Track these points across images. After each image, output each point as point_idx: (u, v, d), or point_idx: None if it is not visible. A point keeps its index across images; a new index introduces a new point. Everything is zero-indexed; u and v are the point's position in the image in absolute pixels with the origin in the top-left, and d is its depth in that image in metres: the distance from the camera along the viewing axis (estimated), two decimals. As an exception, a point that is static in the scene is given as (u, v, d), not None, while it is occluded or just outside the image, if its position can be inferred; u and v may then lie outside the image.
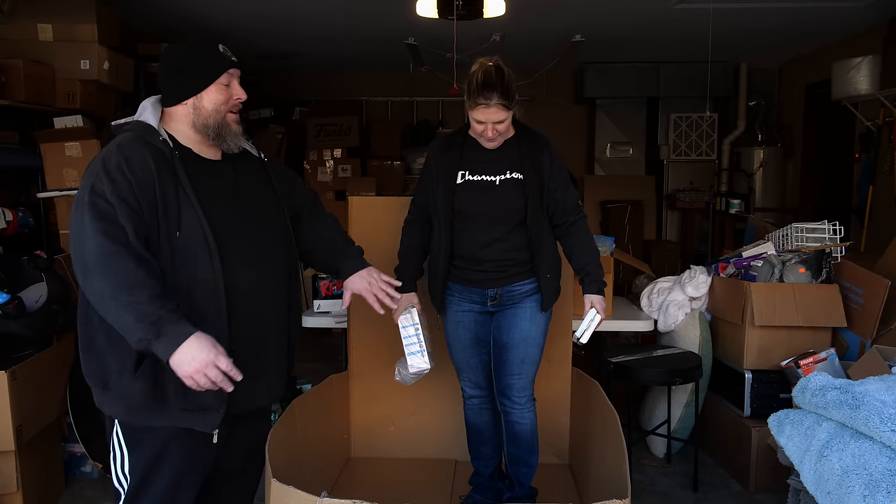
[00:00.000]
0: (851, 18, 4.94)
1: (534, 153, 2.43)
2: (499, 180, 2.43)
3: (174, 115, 1.84)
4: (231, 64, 1.85)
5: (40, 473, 2.94)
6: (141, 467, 1.83)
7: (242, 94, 1.87)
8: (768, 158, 6.46)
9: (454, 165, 2.46)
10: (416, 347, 2.47)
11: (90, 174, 1.71)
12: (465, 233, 2.47)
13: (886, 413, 1.90)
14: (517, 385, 2.53)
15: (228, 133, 1.86)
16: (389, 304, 2.17)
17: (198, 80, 1.81)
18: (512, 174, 2.43)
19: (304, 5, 4.59)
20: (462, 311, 2.57)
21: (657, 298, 3.64)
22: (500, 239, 2.45)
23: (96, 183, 1.68)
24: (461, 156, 2.47)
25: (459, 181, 2.45)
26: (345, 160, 6.67)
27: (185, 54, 1.85)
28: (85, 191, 1.69)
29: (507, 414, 2.58)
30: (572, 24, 5.00)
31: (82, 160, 3.71)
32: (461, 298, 2.56)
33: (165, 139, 1.79)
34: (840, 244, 3.47)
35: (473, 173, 2.45)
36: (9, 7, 3.71)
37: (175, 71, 1.83)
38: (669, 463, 3.52)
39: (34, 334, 2.86)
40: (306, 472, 2.50)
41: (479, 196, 2.44)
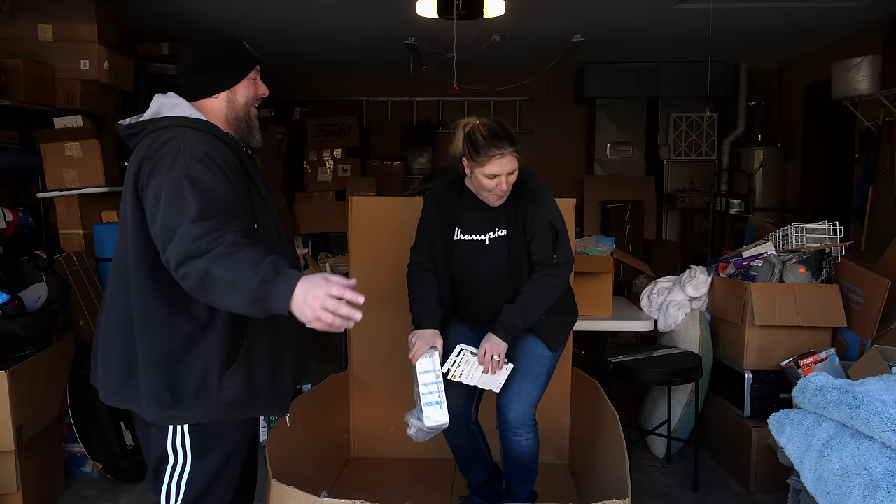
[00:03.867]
0: (851, 18, 4.94)
1: (520, 205, 2.37)
2: (488, 239, 2.41)
3: (207, 108, 1.81)
4: (257, 60, 1.88)
5: (40, 473, 2.94)
6: (205, 477, 1.77)
7: (266, 89, 1.90)
8: (768, 158, 6.46)
9: (451, 221, 2.45)
10: (435, 398, 2.23)
11: (176, 167, 1.60)
12: (464, 285, 2.48)
13: (886, 413, 1.90)
14: (516, 410, 2.43)
15: (255, 127, 1.89)
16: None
17: (232, 73, 1.82)
18: (499, 232, 2.39)
19: (304, 6, 4.60)
20: (461, 332, 2.54)
21: (657, 298, 3.64)
22: (496, 291, 2.42)
23: (192, 171, 1.61)
24: (456, 207, 2.45)
25: (455, 238, 2.45)
26: (345, 160, 6.68)
27: (216, 48, 1.84)
28: (179, 181, 1.58)
29: (505, 437, 2.50)
30: (572, 24, 5.00)
31: (82, 160, 3.71)
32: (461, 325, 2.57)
33: (228, 133, 1.80)
34: (840, 244, 3.47)
35: (465, 232, 2.44)
36: (9, 7, 3.71)
37: (208, 62, 1.81)
38: (669, 463, 3.52)
39: (34, 334, 2.86)
40: (306, 472, 2.50)
41: (471, 256, 2.43)
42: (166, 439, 1.75)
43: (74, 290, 3.30)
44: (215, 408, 1.72)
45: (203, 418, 1.73)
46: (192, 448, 1.75)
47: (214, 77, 1.81)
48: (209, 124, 1.75)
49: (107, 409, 3.15)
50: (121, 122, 1.81)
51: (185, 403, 1.70)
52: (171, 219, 1.57)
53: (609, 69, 6.73)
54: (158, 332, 1.68)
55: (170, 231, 1.56)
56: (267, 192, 1.83)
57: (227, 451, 1.79)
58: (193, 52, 1.84)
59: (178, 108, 1.76)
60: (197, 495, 1.77)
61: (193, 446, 1.75)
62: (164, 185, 1.60)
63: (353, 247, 3.12)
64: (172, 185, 1.59)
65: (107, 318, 1.78)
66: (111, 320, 1.76)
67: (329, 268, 4.02)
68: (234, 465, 1.83)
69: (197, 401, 1.70)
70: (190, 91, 1.81)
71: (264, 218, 1.79)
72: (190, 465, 1.75)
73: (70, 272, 3.35)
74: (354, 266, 3.12)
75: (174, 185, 1.59)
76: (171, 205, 1.58)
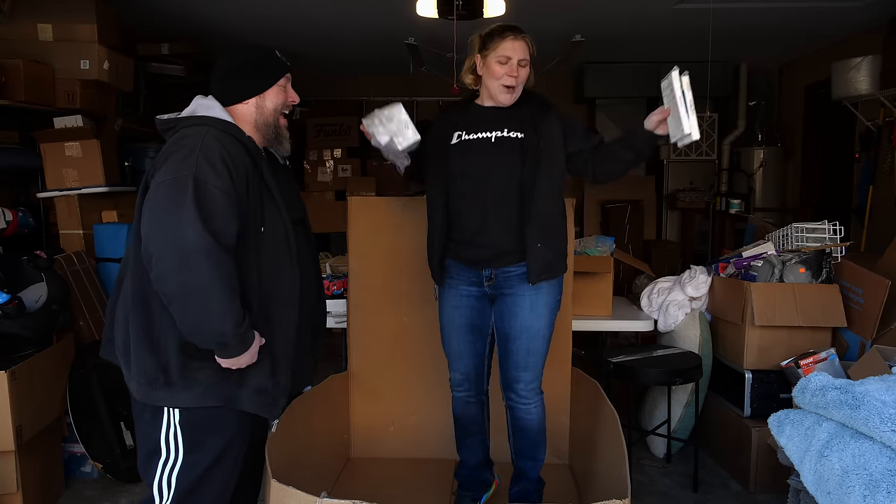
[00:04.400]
0: (851, 18, 4.94)
1: (536, 115, 2.35)
2: (495, 137, 2.33)
3: (237, 114, 1.87)
4: (288, 68, 1.94)
5: (40, 473, 2.94)
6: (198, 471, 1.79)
7: (296, 97, 1.97)
8: (768, 158, 6.46)
9: (451, 126, 2.41)
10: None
11: (187, 164, 1.67)
12: (462, 204, 2.37)
13: (886, 413, 1.90)
14: (523, 378, 2.43)
15: (283, 136, 1.95)
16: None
17: (263, 79, 1.89)
18: (510, 133, 2.33)
19: (304, 6, 4.60)
20: (460, 294, 2.47)
21: (657, 298, 3.64)
22: (496, 213, 2.33)
23: (200, 174, 1.66)
24: (461, 117, 2.43)
25: (454, 141, 2.38)
26: (345, 160, 6.67)
27: (248, 55, 1.91)
28: (184, 180, 1.65)
29: (513, 409, 2.49)
30: (572, 24, 5.00)
31: (82, 160, 3.71)
32: (459, 280, 2.46)
33: (251, 137, 1.84)
34: (840, 244, 3.47)
35: (469, 132, 2.37)
36: (9, 7, 3.71)
37: (240, 69, 1.88)
38: (669, 463, 3.52)
39: (34, 334, 2.86)
40: (306, 472, 2.50)
41: (473, 156, 2.34)
42: (160, 430, 1.77)
43: (74, 290, 3.30)
44: (205, 393, 1.75)
45: (193, 402, 1.76)
46: (183, 441, 1.77)
47: (245, 83, 1.87)
48: (232, 126, 1.81)
49: (107, 409, 3.15)
50: (159, 116, 1.87)
51: (176, 386, 1.74)
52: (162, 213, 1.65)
53: (609, 69, 6.73)
54: (150, 311, 1.73)
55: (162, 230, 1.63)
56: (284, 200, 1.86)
57: (221, 445, 1.80)
58: (227, 60, 1.90)
59: (212, 109, 1.83)
60: (189, 490, 1.79)
61: (185, 438, 1.77)
62: (170, 176, 1.66)
63: (352, 247, 3.12)
64: (178, 180, 1.65)
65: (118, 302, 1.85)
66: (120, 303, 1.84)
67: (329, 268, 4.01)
68: (230, 461, 1.84)
69: (185, 383, 1.74)
70: (222, 96, 1.87)
71: (274, 224, 1.82)
72: (182, 460, 1.77)
73: (70, 272, 3.35)
74: (354, 266, 3.12)
75: (180, 180, 1.65)
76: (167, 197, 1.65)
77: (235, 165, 1.72)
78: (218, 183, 1.67)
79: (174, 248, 1.62)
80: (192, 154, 1.68)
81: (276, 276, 1.82)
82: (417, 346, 3.10)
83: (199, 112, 1.82)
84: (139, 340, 1.74)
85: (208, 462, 1.80)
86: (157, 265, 1.64)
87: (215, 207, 1.66)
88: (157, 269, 1.64)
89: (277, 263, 1.82)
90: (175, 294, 1.64)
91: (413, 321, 3.08)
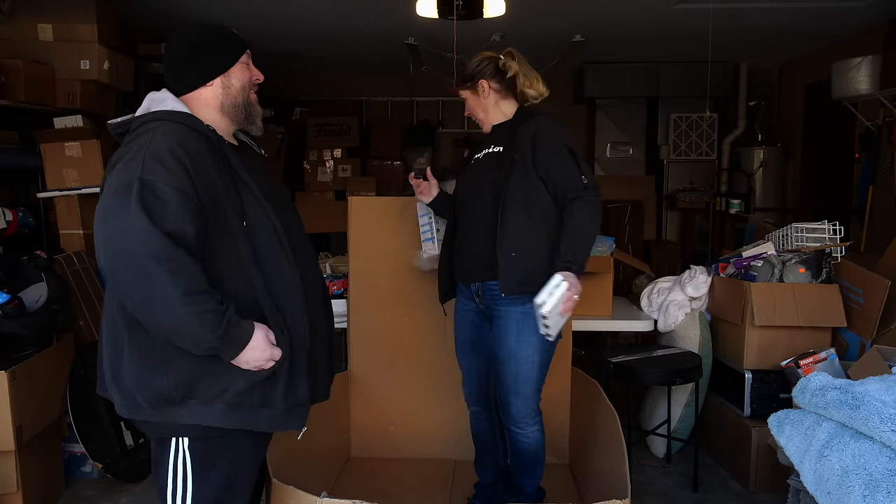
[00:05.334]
0: (851, 18, 4.94)
1: (522, 131, 2.35)
2: (483, 154, 2.45)
3: (200, 100, 1.73)
4: (247, 44, 1.80)
5: (40, 473, 2.94)
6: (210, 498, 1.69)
7: (260, 74, 1.82)
8: (768, 158, 6.46)
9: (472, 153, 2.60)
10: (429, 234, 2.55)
11: (133, 165, 1.53)
12: (459, 220, 2.49)
13: (886, 413, 1.90)
14: (514, 404, 2.40)
15: (256, 113, 1.80)
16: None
17: (224, 57, 1.74)
18: (494, 148, 2.41)
19: (304, 6, 4.60)
20: (462, 309, 2.57)
21: (657, 298, 3.64)
22: (479, 225, 2.37)
23: (146, 174, 1.51)
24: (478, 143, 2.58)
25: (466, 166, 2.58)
26: (345, 160, 6.67)
27: (203, 34, 1.76)
28: (129, 183, 1.50)
29: (509, 431, 2.48)
30: (572, 24, 5.00)
31: (82, 160, 3.71)
32: (461, 296, 2.58)
33: (210, 125, 1.69)
34: (840, 244, 3.47)
35: (473, 154, 2.54)
36: (9, 7, 3.71)
37: (196, 51, 1.73)
38: (669, 463, 3.52)
39: (34, 334, 2.86)
40: (306, 472, 2.50)
41: (467, 173, 2.52)
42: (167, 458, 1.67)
43: (74, 290, 3.30)
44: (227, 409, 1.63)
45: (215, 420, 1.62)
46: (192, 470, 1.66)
47: (206, 63, 1.72)
48: (188, 116, 1.66)
49: (107, 409, 3.15)
50: (110, 122, 1.74)
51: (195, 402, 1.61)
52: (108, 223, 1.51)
53: (609, 69, 6.73)
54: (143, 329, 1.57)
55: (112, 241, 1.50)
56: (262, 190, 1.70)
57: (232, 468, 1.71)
58: (178, 43, 1.76)
59: (165, 102, 1.69)
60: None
61: (195, 467, 1.66)
62: (114, 183, 1.54)
63: (352, 247, 3.12)
64: (122, 185, 1.52)
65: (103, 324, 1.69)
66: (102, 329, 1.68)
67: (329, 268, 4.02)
68: (243, 483, 1.75)
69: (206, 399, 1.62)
70: (181, 84, 1.73)
71: (257, 215, 1.67)
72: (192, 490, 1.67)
73: (70, 272, 3.35)
74: (354, 266, 3.12)
75: (125, 185, 1.51)
76: (111, 205, 1.52)
77: (192, 158, 1.57)
78: (168, 180, 1.51)
79: (126, 259, 1.48)
80: (139, 154, 1.54)
81: (277, 275, 1.68)
82: (417, 346, 3.11)
83: (152, 108, 1.68)
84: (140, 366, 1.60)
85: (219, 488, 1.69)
86: (112, 279, 1.52)
87: (166, 207, 1.51)
88: (114, 283, 1.52)
89: (275, 261, 1.68)
90: (139, 307, 1.51)
91: (413, 321, 3.08)
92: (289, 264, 1.70)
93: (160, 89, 1.75)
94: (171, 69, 1.75)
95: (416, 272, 2.95)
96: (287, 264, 1.70)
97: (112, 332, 1.64)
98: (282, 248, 1.70)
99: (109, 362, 1.65)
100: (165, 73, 1.76)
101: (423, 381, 3.12)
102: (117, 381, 1.64)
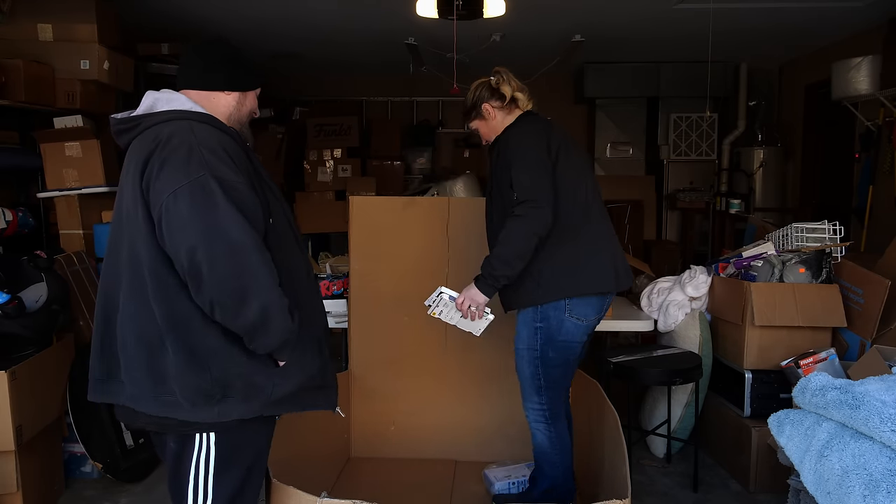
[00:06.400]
0: (851, 18, 4.94)
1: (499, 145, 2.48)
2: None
3: (214, 102, 1.76)
4: (265, 81, 1.91)
5: (40, 473, 2.94)
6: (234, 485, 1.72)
7: (258, 111, 1.91)
8: (768, 158, 6.46)
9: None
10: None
11: (195, 163, 1.55)
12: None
13: (886, 413, 1.89)
14: (523, 396, 2.56)
15: (249, 139, 1.87)
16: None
17: (252, 79, 1.84)
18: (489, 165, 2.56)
19: (304, 6, 4.59)
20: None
21: (657, 298, 3.64)
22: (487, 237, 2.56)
23: (216, 171, 1.55)
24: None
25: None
26: (345, 160, 6.67)
27: (240, 52, 1.84)
28: (204, 181, 1.53)
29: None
30: (572, 24, 5.00)
31: (82, 160, 3.71)
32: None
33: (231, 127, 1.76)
34: (840, 244, 3.47)
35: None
36: (9, 7, 3.71)
37: (234, 60, 1.81)
38: (669, 463, 3.52)
39: (34, 334, 2.86)
40: (306, 472, 2.50)
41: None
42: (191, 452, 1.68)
43: (74, 290, 3.30)
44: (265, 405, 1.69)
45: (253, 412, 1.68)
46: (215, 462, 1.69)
47: (235, 75, 1.79)
48: (212, 117, 1.70)
49: (107, 409, 3.15)
50: (113, 115, 1.75)
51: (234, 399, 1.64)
52: (196, 220, 1.53)
53: (609, 69, 6.73)
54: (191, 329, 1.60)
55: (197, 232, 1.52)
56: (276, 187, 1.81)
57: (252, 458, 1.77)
58: (219, 46, 1.83)
59: (176, 101, 1.70)
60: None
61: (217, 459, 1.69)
62: (184, 181, 1.54)
63: (353, 246, 3.12)
64: (197, 182, 1.54)
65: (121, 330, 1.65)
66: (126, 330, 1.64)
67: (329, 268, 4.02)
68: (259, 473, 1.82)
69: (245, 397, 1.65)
70: (206, 79, 1.76)
71: (277, 213, 1.75)
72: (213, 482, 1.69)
73: (70, 272, 3.35)
74: (355, 266, 3.12)
75: (200, 182, 1.54)
76: (194, 202, 1.53)
77: (235, 157, 1.63)
78: (235, 178, 1.58)
79: (226, 253, 1.52)
80: (195, 151, 1.56)
81: (296, 268, 1.76)
82: (418, 346, 3.11)
83: (160, 107, 1.69)
84: (184, 362, 1.60)
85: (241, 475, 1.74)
86: (210, 275, 1.52)
87: (244, 203, 1.58)
88: (211, 278, 1.52)
89: (292, 254, 1.76)
90: (236, 301, 1.54)
91: (414, 321, 3.08)
92: (302, 255, 1.81)
93: (160, 89, 1.76)
94: (199, 63, 1.78)
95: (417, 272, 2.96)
96: (301, 255, 1.81)
97: (145, 333, 1.62)
98: (296, 241, 1.80)
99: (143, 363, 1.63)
100: (189, 65, 1.78)
101: (423, 381, 3.12)
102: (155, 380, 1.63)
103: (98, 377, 1.72)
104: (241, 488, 1.74)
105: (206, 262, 1.52)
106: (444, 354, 3.09)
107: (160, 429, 1.72)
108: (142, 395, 1.65)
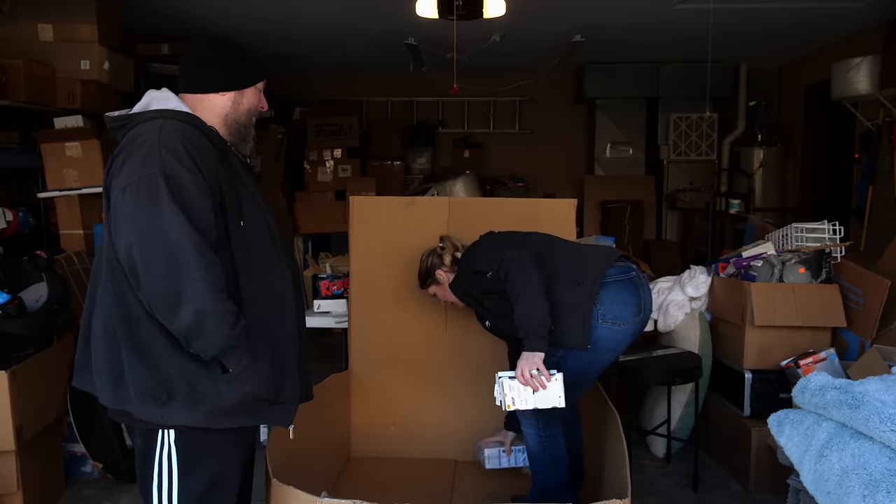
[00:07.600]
0: (851, 18, 4.94)
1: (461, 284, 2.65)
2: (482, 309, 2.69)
3: (208, 104, 1.75)
4: (268, 73, 1.85)
5: (40, 473, 2.94)
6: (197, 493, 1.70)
7: (266, 105, 1.87)
8: (768, 158, 6.46)
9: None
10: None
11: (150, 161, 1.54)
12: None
13: (886, 413, 1.89)
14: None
15: (251, 136, 1.84)
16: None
17: (248, 75, 1.79)
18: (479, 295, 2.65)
19: (304, 6, 4.60)
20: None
21: (657, 298, 3.64)
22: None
23: (167, 169, 1.53)
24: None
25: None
26: (345, 160, 6.67)
27: (236, 47, 1.80)
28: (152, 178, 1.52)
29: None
30: (572, 24, 5.00)
31: (82, 160, 3.72)
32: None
33: (212, 126, 1.72)
34: (840, 244, 3.47)
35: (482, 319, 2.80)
36: (9, 7, 3.71)
37: (226, 59, 1.77)
38: (669, 463, 3.52)
39: (34, 334, 2.86)
40: (306, 472, 2.50)
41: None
42: (154, 451, 1.68)
43: (75, 290, 3.30)
44: (210, 413, 1.64)
45: (198, 422, 1.64)
46: (178, 463, 1.67)
47: (228, 74, 1.76)
48: (191, 116, 1.68)
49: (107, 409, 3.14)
50: (108, 114, 1.76)
51: (179, 403, 1.62)
52: (138, 217, 1.52)
53: (609, 69, 6.73)
54: (139, 325, 1.60)
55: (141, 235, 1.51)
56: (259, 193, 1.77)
57: (218, 464, 1.72)
58: (209, 46, 1.80)
59: (167, 101, 1.71)
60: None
61: (180, 460, 1.67)
62: (135, 177, 1.54)
63: (353, 246, 3.12)
64: (145, 179, 1.53)
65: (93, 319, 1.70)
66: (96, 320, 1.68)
67: (329, 268, 4.02)
68: (230, 479, 1.76)
69: (190, 403, 1.62)
70: (198, 82, 1.75)
71: (254, 217, 1.71)
72: (178, 483, 1.68)
73: (70, 272, 3.35)
74: (355, 266, 3.13)
75: (148, 179, 1.53)
76: (139, 199, 1.52)
77: (201, 156, 1.60)
78: (189, 177, 1.55)
79: (161, 253, 1.50)
80: (154, 149, 1.55)
81: (266, 276, 1.71)
82: (418, 346, 3.11)
83: (153, 106, 1.69)
84: (134, 359, 1.60)
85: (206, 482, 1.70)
86: (144, 274, 1.51)
87: (193, 203, 1.54)
88: (146, 277, 1.51)
89: (265, 262, 1.72)
90: (164, 302, 1.52)
91: (414, 321, 3.08)
92: (279, 263, 1.76)
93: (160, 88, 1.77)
94: (194, 65, 1.78)
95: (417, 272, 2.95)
96: (279, 263, 1.76)
97: (108, 328, 1.65)
98: (275, 248, 1.75)
99: (105, 354, 1.66)
100: (185, 67, 1.78)
101: (423, 381, 3.12)
102: (114, 372, 1.65)
103: (79, 366, 1.76)
104: (207, 496, 1.71)
105: (140, 261, 1.51)
106: (444, 354, 3.09)
107: (124, 422, 1.75)
108: (103, 387, 1.67)
